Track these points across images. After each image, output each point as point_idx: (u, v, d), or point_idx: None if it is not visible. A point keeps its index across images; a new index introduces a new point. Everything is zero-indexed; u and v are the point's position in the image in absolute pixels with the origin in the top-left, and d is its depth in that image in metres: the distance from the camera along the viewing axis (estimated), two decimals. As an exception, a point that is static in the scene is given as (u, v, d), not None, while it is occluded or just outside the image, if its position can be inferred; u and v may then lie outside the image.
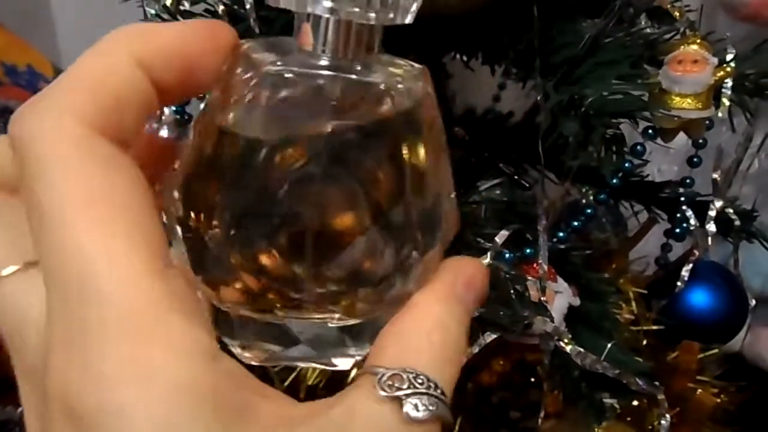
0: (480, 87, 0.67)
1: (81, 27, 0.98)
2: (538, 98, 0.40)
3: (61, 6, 0.98)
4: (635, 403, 0.52)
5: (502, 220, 0.49)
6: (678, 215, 0.55)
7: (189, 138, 0.24)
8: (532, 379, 0.53)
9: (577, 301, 0.45)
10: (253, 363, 0.25)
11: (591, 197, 0.52)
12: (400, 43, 0.55)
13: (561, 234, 0.47)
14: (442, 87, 0.63)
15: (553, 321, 0.41)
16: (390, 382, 0.21)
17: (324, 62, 0.23)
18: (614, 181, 0.47)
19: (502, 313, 0.39)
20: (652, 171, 0.64)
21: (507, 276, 0.41)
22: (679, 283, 0.54)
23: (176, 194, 0.24)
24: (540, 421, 0.48)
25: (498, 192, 0.52)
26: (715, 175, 0.51)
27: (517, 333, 0.40)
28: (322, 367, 0.26)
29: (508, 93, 0.67)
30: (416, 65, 0.26)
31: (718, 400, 0.57)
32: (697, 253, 0.54)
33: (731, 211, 0.55)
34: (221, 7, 0.41)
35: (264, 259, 0.23)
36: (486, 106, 0.68)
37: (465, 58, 0.55)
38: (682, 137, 0.49)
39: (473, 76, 0.60)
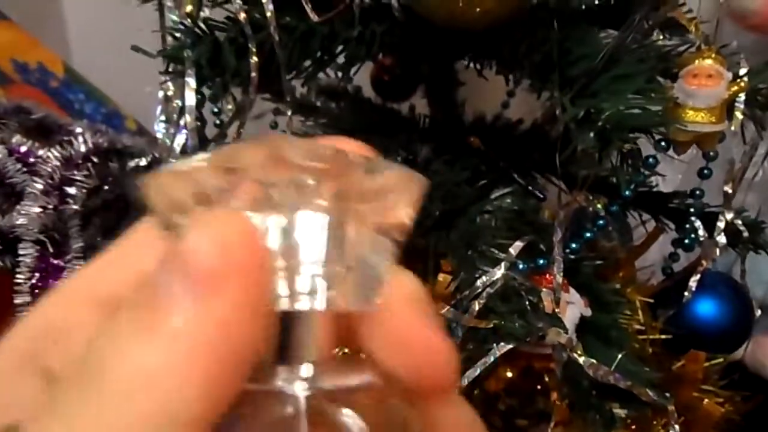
0: (488, 95, 0.67)
1: (92, 25, 0.98)
2: (557, 111, 0.40)
3: (72, 4, 0.98)
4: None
5: (513, 230, 0.49)
6: (687, 225, 0.55)
7: None
8: (539, 387, 0.53)
9: (588, 312, 0.46)
10: None
11: (601, 208, 0.52)
12: (417, 49, 0.55)
13: (574, 245, 0.47)
14: (453, 94, 0.63)
15: (567, 332, 0.41)
16: None
17: None
18: (627, 192, 0.47)
19: (517, 324, 0.39)
20: (656, 179, 0.64)
21: (522, 287, 0.41)
22: (686, 293, 0.54)
23: None
24: (549, 430, 0.48)
25: (509, 201, 0.52)
26: (726, 188, 0.51)
27: (530, 344, 0.41)
28: None
29: (515, 100, 0.68)
30: None
31: (723, 410, 0.57)
32: (704, 263, 0.55)
33: (740, 222, 0.55)
34: (242, 15, 0.41)
35: None
36: (494, 113, 0.68)
37: (479, 67, 0.56)
38: (686, 147, 0.49)
39: (482, 83, 0.60)
